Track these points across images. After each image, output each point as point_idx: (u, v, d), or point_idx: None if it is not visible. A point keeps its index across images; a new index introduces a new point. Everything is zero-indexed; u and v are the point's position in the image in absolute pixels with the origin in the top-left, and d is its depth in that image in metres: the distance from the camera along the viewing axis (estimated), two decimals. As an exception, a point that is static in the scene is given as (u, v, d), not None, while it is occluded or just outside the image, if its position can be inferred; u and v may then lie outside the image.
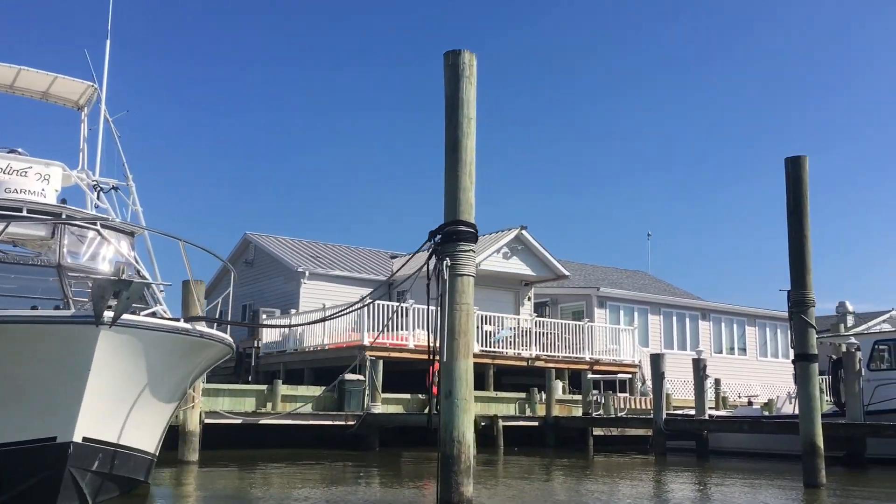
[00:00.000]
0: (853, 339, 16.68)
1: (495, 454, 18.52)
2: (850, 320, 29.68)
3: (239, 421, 16.69)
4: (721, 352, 29.87)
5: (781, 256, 10.41)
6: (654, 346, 28.49)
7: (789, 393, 18.30)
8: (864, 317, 35.53)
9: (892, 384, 16.39)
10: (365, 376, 18.83)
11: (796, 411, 18.22)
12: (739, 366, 30.22)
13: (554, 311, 28.55)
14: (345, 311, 15.34)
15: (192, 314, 11.08)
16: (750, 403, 23.17)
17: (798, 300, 10.33)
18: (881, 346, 17.79)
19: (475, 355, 23.24)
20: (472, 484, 7.23)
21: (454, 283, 7.45)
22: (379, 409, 18.28)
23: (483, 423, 19.31)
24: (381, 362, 18.62)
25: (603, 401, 23.12)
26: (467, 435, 7.23)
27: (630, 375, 24.97)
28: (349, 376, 18.99)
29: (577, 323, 24.88)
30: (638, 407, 23.77)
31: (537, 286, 27.85)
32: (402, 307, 21.20)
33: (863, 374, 16.27)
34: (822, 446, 10.46)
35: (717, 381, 24.73)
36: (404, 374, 22.03)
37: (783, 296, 10.73)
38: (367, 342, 19.95)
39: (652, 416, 18.94)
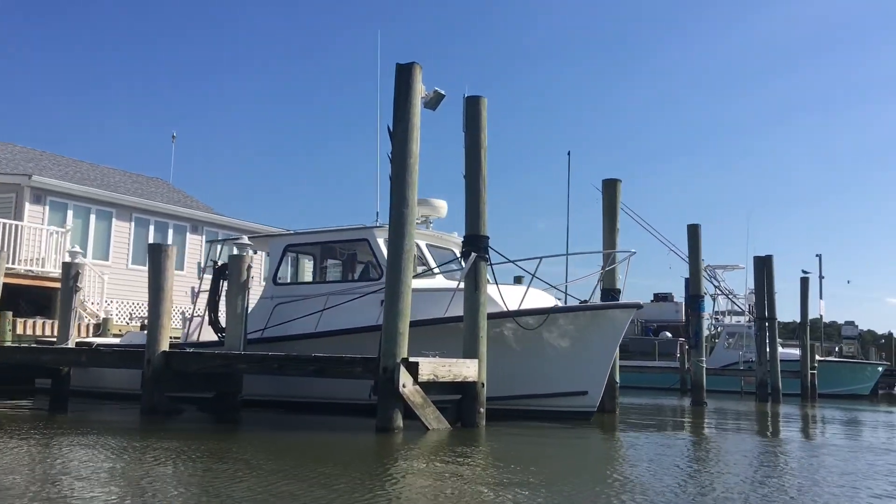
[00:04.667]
0: (246, 240, 12.27)
1: None
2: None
3: None
4: (213, 272, 24.84)
5: None
6: (120, 260, 22.56)
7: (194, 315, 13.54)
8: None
9: (296, 302, 12.25)
10: None
11: (211, 337, 13.58)
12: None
13: (-24, 205, 21.01)
14: None
15: None
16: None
17: None
18: (303, 254, 13.69)
19: None
20: None
21: None
22: None
23: None
24: None
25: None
26: None
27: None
28: None
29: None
30: (50, 333, 17.71)
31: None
32: None
33: (249, 289, 11.82)
34: None
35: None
36: None
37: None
38: None
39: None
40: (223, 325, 11.96)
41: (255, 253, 12.28)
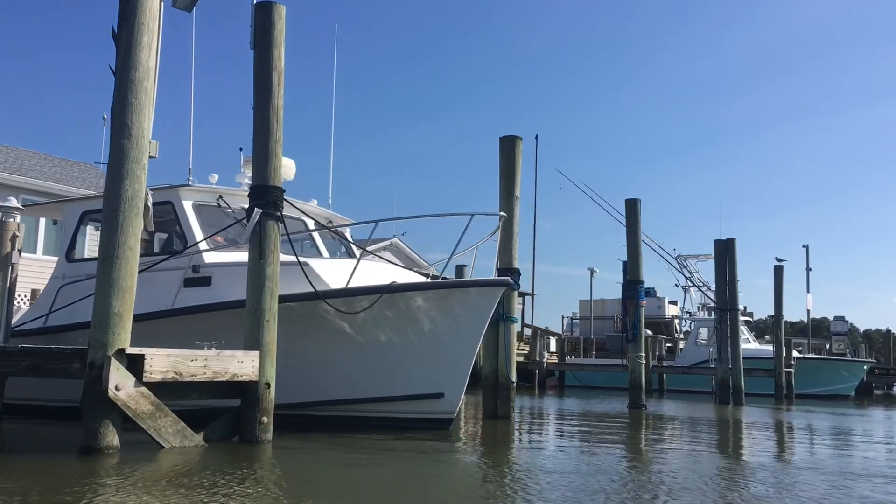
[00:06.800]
0: (14, 202, 9.76)
1: None
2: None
3: None
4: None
5: None
6: None
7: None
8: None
9: (84, 282, 9.70)
10: None
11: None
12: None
13: None
14: None
15: None
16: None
17: None
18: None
19: None
20: None
21: None
22: None
23: None
24: None
25: None
26: None
27: None
28: None
29: None
30: None
31: None
32: None
33: (14, 265, 9.28)
34: None
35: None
36: None
37: None
38: None
39: None
40: (-17, 310, 9.41)
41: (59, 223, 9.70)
